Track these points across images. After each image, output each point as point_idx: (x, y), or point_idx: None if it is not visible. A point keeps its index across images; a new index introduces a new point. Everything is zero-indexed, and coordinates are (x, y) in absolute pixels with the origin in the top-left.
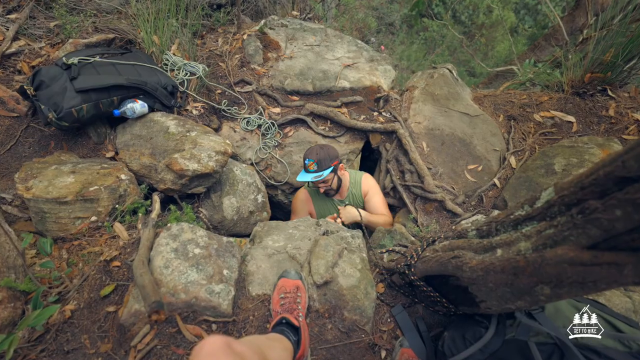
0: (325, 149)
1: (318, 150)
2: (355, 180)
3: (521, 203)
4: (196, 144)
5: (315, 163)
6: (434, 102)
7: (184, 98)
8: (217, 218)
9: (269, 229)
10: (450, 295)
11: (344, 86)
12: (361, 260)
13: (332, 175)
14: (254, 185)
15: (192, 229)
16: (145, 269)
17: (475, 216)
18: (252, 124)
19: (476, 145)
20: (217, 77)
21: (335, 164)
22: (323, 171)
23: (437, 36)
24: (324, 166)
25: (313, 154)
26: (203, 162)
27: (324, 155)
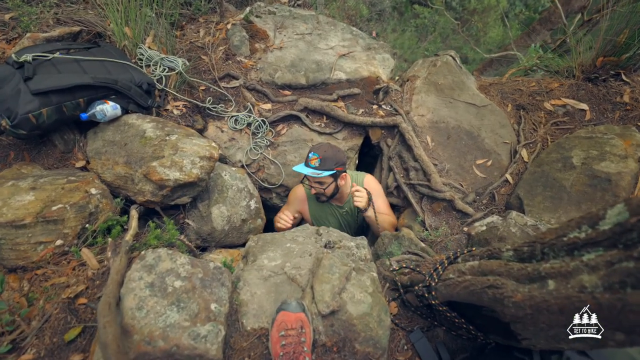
0: (335, 150)
1: (327, 148)
2: (357, 183)
3: (576, 221)
4: (177, 149)
5: (319, 159)
6: (437, 93)
7: (163, 97)
8: (207, 229)
9: (264, 243)
10: (478, 320)
11: (339, 78)
12: (372, 282)
13: (331, 180)
14: (245, 191)
15: (172, 256)
16: (110, 316)
17: (489, 217)
18: (241, 123)
19: (484, 138)
20: (200, 72)
21: (339, 169)
22: (323, 171)
23: (429, 23)
24: (326, 166)
25: (320, 150)
26: (186, 170)
27: (331, 155)
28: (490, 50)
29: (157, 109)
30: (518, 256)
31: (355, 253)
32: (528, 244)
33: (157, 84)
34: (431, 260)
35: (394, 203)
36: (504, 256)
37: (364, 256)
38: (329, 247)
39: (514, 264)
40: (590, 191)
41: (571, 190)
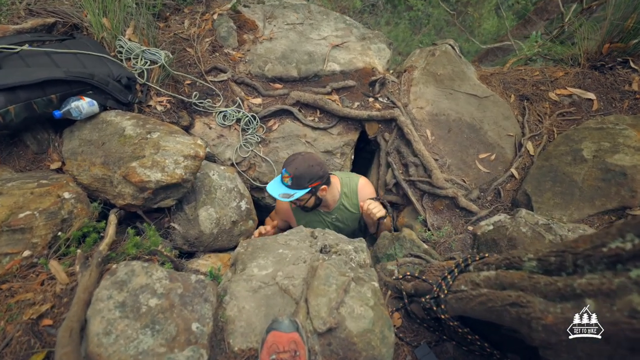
0: (310, 164)
1: (299, 164)
2: (349, 188)
3: (618, 229)
4: (159, 148)
5: (291, 178)
6: (436, 84)
7: (145, 92)
8: (194, 233)
9: (254, 249)
10: (494, 336)
11: (333, 69)
12: (373, 294)
13: (308, 196)
14: (235, 191)
15: (147, 270)
16: (71, 345)
17: (496, 216)
18: (230, 119)
19: (487, 131)
20: (185, 65)
21: (315, 185)
22: (297, 190)
23: (422, 15)
24: (300, 185)
25: (292, 166)
26: (168, 171)
27: (304, 171)
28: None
29: (139, 105)
30: (543, 267)
31: (354, 257)
32: (556, 253)
33: (138, 78)
34: (437, 265)
35: (392, 201)
36: (525, 266)
37: (363, 261)
38: (324, 251)
39: (539, 277)
40: (603, 186)
41: (583, 185)
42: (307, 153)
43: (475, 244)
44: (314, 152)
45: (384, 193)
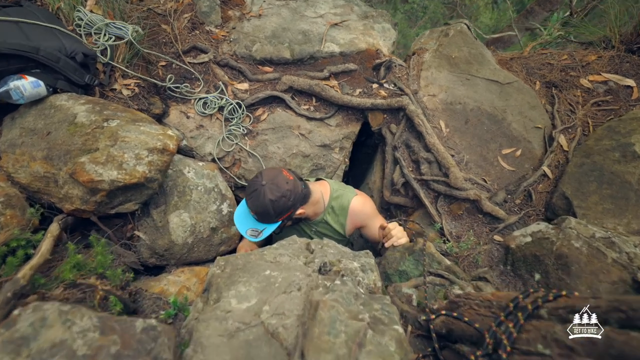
0: (272, 198)
1: (260, 202)
2: (339, 205)
3: None
4: (117, 139)
5: (254, 215)
6: (451, 68)
7: (108, 73)
8: (163, 243)
9: (233, 271)
10: None
11: (331, 51)
12: (398, 345)
13: (283, 224)
14: (215, 191)
15: (67, 317)
16: None
17: (535, 225)
18: (211, 106)
19: (511, 122)
20: (160, 44)
21: (286, 216)
22: (266, 225)
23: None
24: (267, 221)
25: (252, 202)
26: (127, 168)
27: (268, 209)
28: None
29: (101, 88)
30: None
31: (362, 280)
32: None
33: (99, 56)
34: (477, 296)
35: (400, 204)
36: None
37: (374, 283)
38: (324, 271)
39: None
40: None
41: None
42: (270, 180)
43: (508, 260)
44: (280, 172)
45: (389, 194)
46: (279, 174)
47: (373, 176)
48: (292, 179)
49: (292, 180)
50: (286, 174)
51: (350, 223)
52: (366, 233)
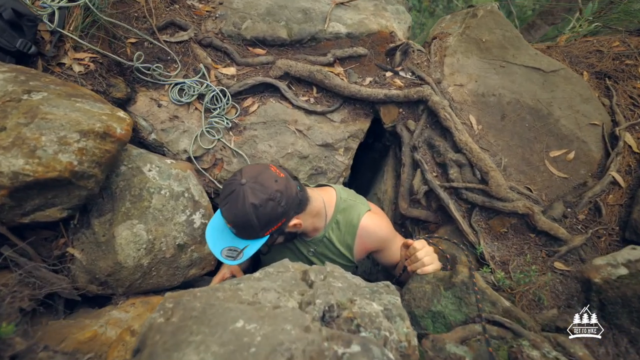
0: (257, 203)
1: (239, 206)
2: (347, 219)
3: None
4: (36, 115)
5: (231, 226)
6: (481, 53)
7: (54, 42)
8: (105, 266)
9: (184, 321)
10: None
11: (337, 31)
12: None
13: (272, 240)
14: (186, 197)
15: None
16: None
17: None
18: (189, 93)
19: (559, 118)
20: (130, 18)
21: (275, 228)
22: (247, 241)
23: None
24: (249, 236)
25: (227, 210)
26: (43, 156)
27: (250, 218)
28: None
29: (44, 60)
30: None
31: (388, 335)
32: None
33: (44, 20)
34: None
35: (420, 218)
36: None
37: (406, 339)
38: (328, 320)
39: None
40: None
41: None
42: (253, 178)
43: (592, 300)
44: (267, 167)
45: (407, 206)
46: (265, 169)
47: (383, 184)
48: (283, 177)
49: (282, 178)
50: (275, 170)
51: (359, 245)
52: (380, 258)
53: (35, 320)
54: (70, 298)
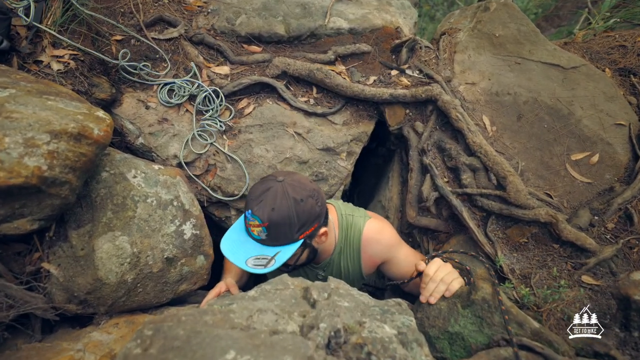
0: (297, 197)
1: (279, 200)
2: (348, 238)
3: None
4: None
5: (265, 228)
6: (495, 49)
7: (30, 38)
8: (84, 283)
9: (164, 352)
10: None
11: (338, 27)
12: None
13: (300, 252)
14: (175, 206)
15: None
16: None
17: None
18: (180, 94)
19: (581, 118)
20: (116, 13)
21: (309, 232)
22: (279, 248)
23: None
24: (283, 239)
25: (265, 208)
26: (5, 159)
27: (289, 214)
28: None
29: (19, 58)
30: None
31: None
32: None
33: (19, 14)
34: None
35: (429, 227)
36: None
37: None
38: (335, 345)
39: None
40: None
41: None
42: (289, 176)
43: (633, 321)
44: (296, 172)
45: (415, 214)
46: (297, 173)
47: (388, 191)
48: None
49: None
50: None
51: (367, 259)
52: (389, 270)
53: (10, 343)
54: (47, 318)
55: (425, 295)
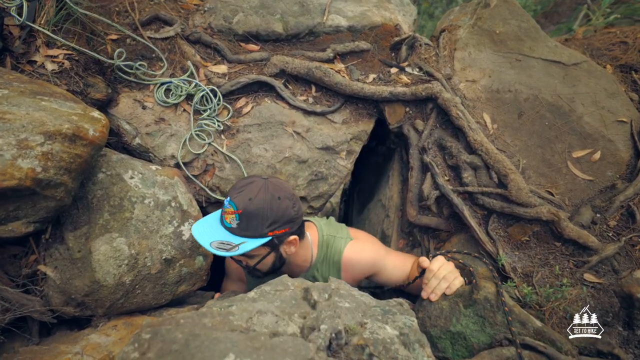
0: (275, 195)
1: (258, 193)
2: (329, 254)
3: None
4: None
5: (238, 215)
6: (495, 46)
7: (24, 37)
8: (81, 285)
9: (162, 356)
10: None
11: (337, 25)
12: None
13: (265, 252)
14: (173, 207)
15: None
16: None
17: None
18: (177, 93)
19: (582, 115)
20: (111, 12)
21: (281, 232)
22: (244, 239)
23: None
24: (252, 230)
25: (242, 195)
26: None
27: (264, 206)
28: None
29: (13, 58)
30: None
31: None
32: None
33: (13, 15)
34: None
35: (430, 226)
36: None
37: None
38: (336, 348)
39: None
40: None
41: None
42: (274, 178)
43: (634, 316)
44: (282, 180)
45: (415, 213)
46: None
47: (388, 190)
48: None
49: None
50: None
51: (348, 278)
52: (379, 280)
53: (7, 346)
54: (45, 321)
55: (427, 292)
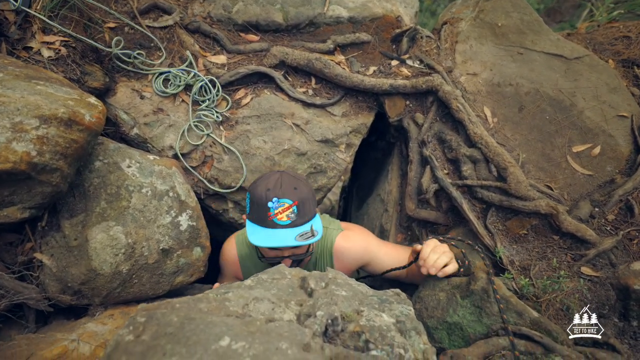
0: (302, 180)
1: (294, 182)
2: (322, 247)
3: None
4: None
5: (296, 207)
6: (497, 39)
7: (20, 23)
8: (78, 273)
9: (156, 339)
10: None
11: (338, 15)
12: None
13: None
14: (171, 197)
15: None
16: None
17: None
18: (175, 83)
19: (583, 110)
20: (109, 1)
21: (317, 210)
22: (309, 222)
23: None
24: (309, 214)
25: (288, 190)
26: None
27: (307, 191)
28: None
29: (9, 44)
30: None
31: (403, 353)
32: None
33: (9, 0)
34: None
35: (429, 220)
36: None
37: (423, 357)
38: (332, 334)
39: None
40: None
41: None
42: (277, 171)
43: (631, 310)
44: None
45: (414, 206)
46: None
47: (387, 184)
48: None
49: None
50: None
51: (341, 268)
52: (373, 270)
53: (4, 334)
54: (41, 309)
55: (426, 267)
